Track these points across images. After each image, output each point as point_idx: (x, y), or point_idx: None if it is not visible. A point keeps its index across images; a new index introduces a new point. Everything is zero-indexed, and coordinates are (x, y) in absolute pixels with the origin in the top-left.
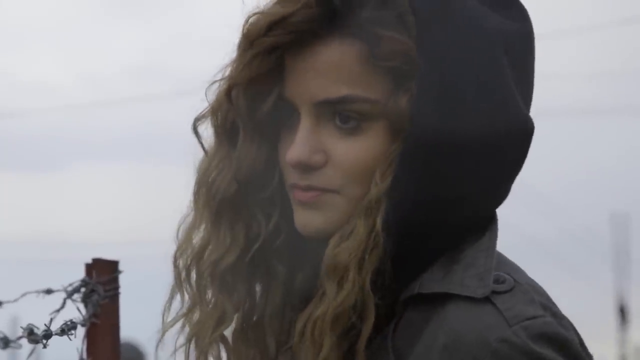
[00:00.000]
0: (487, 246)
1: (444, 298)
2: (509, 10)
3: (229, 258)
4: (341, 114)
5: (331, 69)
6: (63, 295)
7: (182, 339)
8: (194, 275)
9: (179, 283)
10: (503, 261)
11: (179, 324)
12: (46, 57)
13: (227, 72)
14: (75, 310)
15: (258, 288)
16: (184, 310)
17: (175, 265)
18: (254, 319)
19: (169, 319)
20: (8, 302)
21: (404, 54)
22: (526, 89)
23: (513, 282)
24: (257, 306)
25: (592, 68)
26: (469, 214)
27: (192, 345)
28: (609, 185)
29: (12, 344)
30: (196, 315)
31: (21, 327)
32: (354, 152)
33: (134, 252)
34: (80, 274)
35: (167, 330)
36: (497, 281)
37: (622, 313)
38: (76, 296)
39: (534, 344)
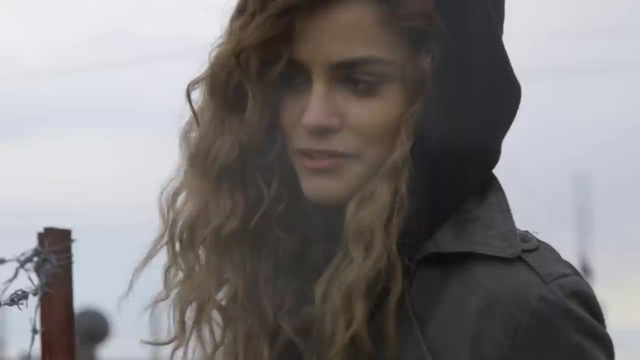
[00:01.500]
0: (500, 207)
1: (464, 258)
2: None
3: (231, 224)
4: (356, 75)
5: (348, 30)
6: (16, 264)
7: (172, 305)
8: (186, 241)
9: (171, 250)
10: None
11: (160, 291)
12: (8, 24)
13: (230, 36)
14: (27, 280)
15: (251, 254)
16: (180, 277)
17: (170, 232)
18: (250, 285)
19: (137, 282)
20: None
21: (425, 14)
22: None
23: (537, 241)
24: (251, 272)
25: (554, 27)
26: (474, 174)
27: (187, 312)
28: (570, 146)
29: None
30: (187, 282)
31: None
32: (370, 113)
33: (88, 220)
34: (33, 242)
35: (161, 299)
36: (522, 240)
37: (585, 271)
38: (29, 266)
39: (569, 301)
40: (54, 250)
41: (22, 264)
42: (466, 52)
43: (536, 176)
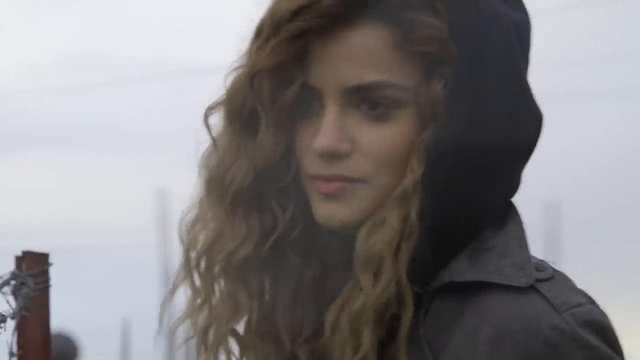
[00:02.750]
0: (517, 236)
1: (479, 287)
2: (512, 0)
3: (245, 249)
4: (370, 100)
5: (363, 54)
6: None
7: (189, 333)
8: (204, 267)
9: (189, 276)
10: None
11: (183, 317)
12: None
13: (246, 60)
14: (4, 304)
15: (268, 281)
16: (197, 303)
17: (186, 259)
18: (267, 312)
19: (167, 312)
20: None
21: (439, 40)
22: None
23: (552, 271)
24: (269, 300)
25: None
26: (491, 203)
27: (203, 339)
28: (541, 174)
29: None
30: (206, 309)
31: None
32: (382, 139)
33: (66, 242)
34: (11, 265)
35: (180, 324)
36: (537, 270)
37: None
38: (6, 289)
39: (583, 331)
40: (32, 274)
41: (0, 288)
42: (481, 80)
43: None
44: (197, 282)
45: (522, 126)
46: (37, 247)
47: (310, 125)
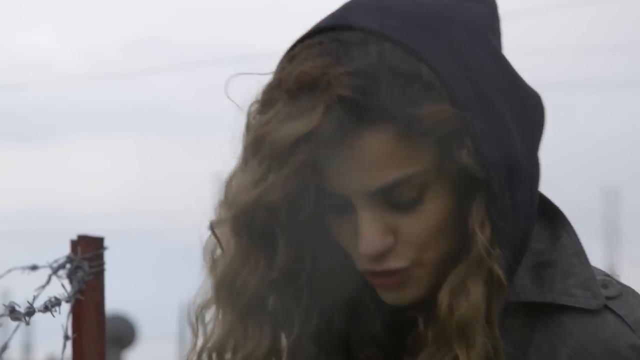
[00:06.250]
0: (576, 250)
1: (550, 307)
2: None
3: (261, 350)
4: (397, 194)
5: (375, 158)
6: (48, 271)
7: None
8: None
9: None
10: None
11: None
12: (44, 29)
13: (248, 179)
14: (59, 287)
15: None
16: None
17: (200, 350)
18: None
19: None
20: None
21: (446, 120)
22: None
23: (619, 285)
24: None
25: (585, 42)
26: (525, 196)
27: None
28: (599, 160)
29: None
30: None
31: (3, 305)
32: (421, 222)
33: (121, 226)
34: (66, 248)
35: None
36: (604, 287)
37: None
38: (61, 272)
39: None
40: (87, 257)
41: (55, 271)
42: (499, 123)
43: (565, 189)
44: None
45: (535, 131)
46: (92, 231)
47: (345, 221)
